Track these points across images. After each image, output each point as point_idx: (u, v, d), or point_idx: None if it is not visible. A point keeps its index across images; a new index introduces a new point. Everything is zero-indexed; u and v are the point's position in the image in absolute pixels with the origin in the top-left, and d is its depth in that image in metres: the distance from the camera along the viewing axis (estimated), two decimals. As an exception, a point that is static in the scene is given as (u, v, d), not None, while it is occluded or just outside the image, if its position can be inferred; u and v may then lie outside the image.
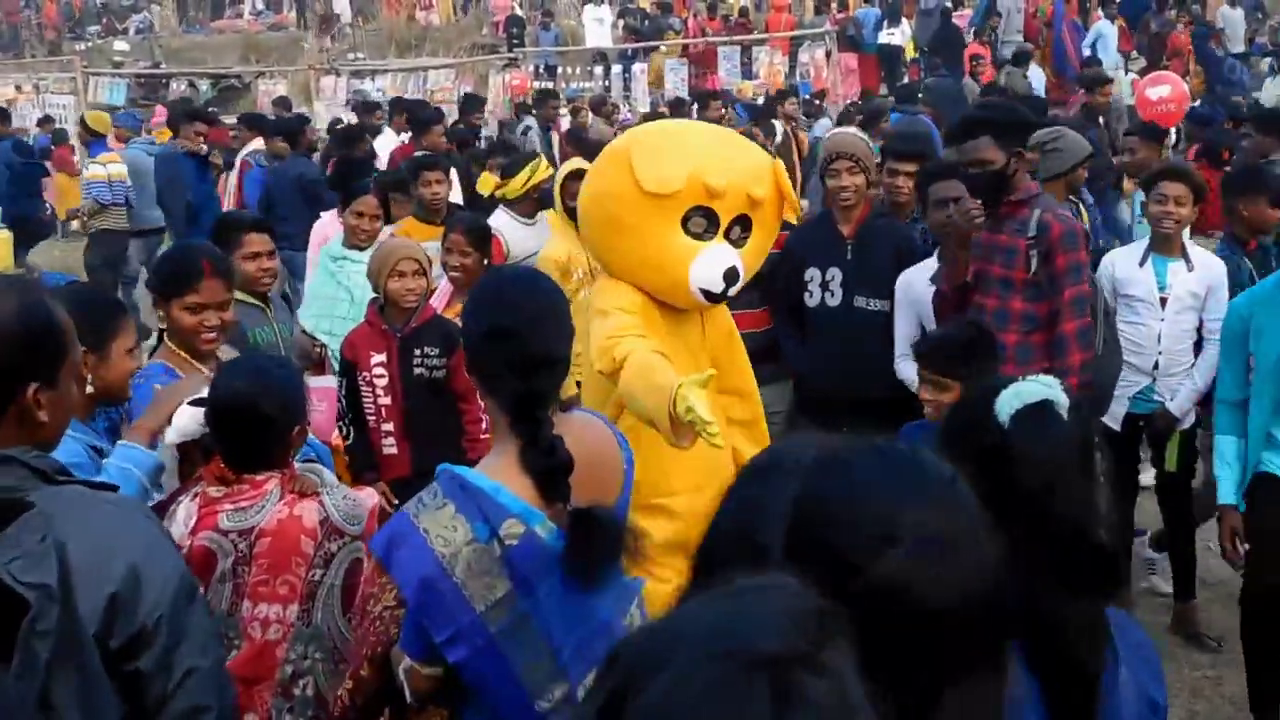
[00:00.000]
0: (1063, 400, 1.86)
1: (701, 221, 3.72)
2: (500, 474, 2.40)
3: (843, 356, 5.02)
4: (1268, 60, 19.45)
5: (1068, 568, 1.74)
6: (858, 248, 5.11)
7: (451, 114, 14.75)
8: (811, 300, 5.16)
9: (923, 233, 5.29)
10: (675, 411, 2.94)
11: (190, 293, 3.54)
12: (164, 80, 21.29)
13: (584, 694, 2.29)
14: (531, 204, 6.71)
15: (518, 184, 6.62)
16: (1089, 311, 4.46)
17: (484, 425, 4.57)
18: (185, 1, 30.59)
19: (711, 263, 3.71)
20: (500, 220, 6.63)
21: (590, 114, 15.20)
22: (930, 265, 4.86)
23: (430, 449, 4.56)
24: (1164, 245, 5.12)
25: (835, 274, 5.11)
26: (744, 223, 3.80)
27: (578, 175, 6.05)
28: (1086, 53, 17.74)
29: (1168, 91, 10.86)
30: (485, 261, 5.38)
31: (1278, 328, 4.09)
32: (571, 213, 5.89)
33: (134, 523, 1.97)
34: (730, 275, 3.74)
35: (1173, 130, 10.44)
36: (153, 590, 1.87)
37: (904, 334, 4.90)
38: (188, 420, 2.97)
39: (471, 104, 13.89)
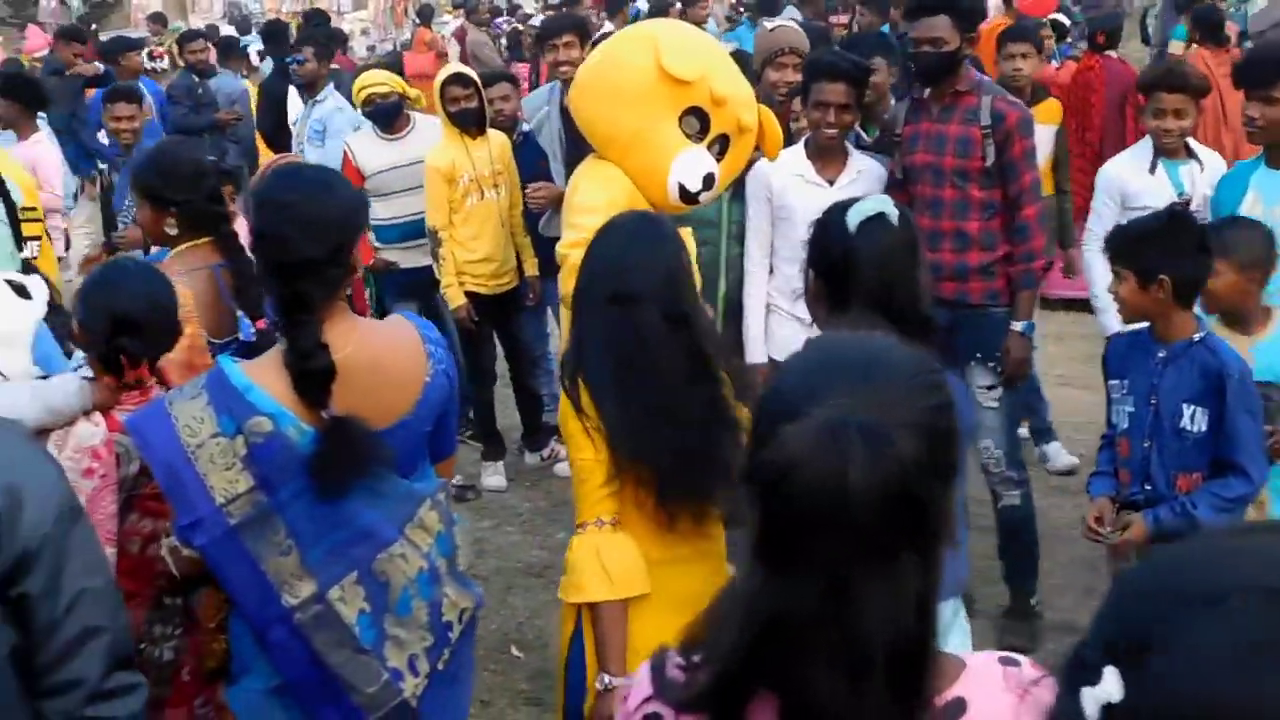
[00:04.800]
0: (893, 211, 2.58)
1: (694, 123, 3.98)
2: (262, 372, 2.45)
3: None
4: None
5: (903, 335, 1.92)
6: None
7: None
8: None
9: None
10: None
11: None
12: (33, -4, 20.44)
13: (341, 593, 2.45)
14: (391, 118, 6.28)
15: (357, 98, 6.35)
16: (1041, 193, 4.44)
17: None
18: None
19: (695, 161, 3.97)
20: (351, 135, 6.48)
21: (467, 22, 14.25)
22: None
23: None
24: (1171, 152, 4.79)
25: None
26: (724, 143, 4.04)
27: (456, 79, 5.85)
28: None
29: (1039, -20, 10.84)
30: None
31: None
32: (453, 118, 5.79)
33: (8, 441, 1.87)
34: (708, 180, 3.99)
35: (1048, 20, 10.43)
36: (33, 509, 1.76)
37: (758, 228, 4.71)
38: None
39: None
